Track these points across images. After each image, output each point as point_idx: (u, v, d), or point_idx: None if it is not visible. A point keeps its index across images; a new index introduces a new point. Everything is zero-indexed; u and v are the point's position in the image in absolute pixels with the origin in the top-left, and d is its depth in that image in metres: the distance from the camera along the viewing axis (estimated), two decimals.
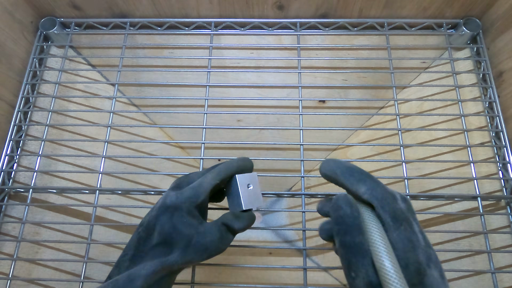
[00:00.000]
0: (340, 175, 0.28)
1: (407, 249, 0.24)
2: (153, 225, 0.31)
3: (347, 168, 0.28)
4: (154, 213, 0.32)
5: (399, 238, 0.24)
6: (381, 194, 0.26)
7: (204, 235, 0.31)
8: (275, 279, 0.48)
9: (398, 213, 0.25)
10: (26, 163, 0.51)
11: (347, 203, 0.26)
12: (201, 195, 0.31)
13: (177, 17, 0.55)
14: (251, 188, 0.34)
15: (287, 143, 0.51)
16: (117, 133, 0.52)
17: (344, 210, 0.26)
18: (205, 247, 0.30)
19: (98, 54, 0.57)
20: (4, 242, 0.47)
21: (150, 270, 0.29)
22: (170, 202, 0.31)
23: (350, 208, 0.26)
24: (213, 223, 0.32)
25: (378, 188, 0.26)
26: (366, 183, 0.26)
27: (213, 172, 0.33)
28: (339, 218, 0.26)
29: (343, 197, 0.26)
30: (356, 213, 0.25)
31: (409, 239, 0.24)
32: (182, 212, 0.31)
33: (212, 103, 0.53)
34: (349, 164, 0.28)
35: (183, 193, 0.31)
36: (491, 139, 0.50)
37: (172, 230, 0.30)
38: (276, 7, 0.53)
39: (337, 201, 0.26)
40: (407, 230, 0.25)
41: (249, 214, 0.34)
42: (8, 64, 0.51)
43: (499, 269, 0.45)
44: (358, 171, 0.27)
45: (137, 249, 0.31)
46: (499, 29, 0.50)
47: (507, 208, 0.47)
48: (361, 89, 0.55)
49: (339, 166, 0.28)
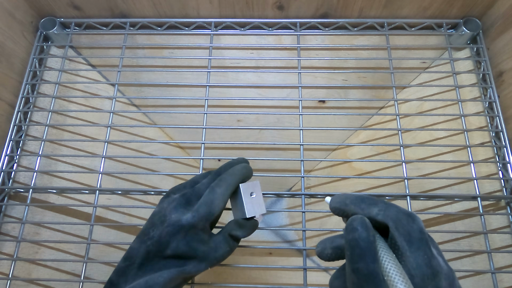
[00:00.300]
0: (350, 203, 0.26)
1: (427, 276, 0.21)
2: (166, 242, 0.31)
3: (357, 196, 0.27)
4: (167, 230, 0.31)
5: (417, 263, 0.22)
6: (395, 214, 0.24)
7: (216, 249, 0.33)
8: (275, 279, 0.48)
9: (414, 234, 0.23)
10: (26, 163, 0.51)
11: (363, 225, 0.23)
12: (216, 213, 0.33)
13: (177, 17, 0.55)
14: (254, 196, 0.36)
15: (287, 143, 0.51)
16: (117, 133, 0.52)
17: (360, 232, 0.23)
18: (218, 259, 0.33)
19: (98, 54, 0.57)
20: (4, 242, 0.47)
21: (167, 278, 0.30)
22: (186, 222, 0.32)
23: (366, 231, 0.23)
24: (221, 236, 0.34)
25: (391, 208, 0.24)
26: (378, 205, 0.25)
27: (222, 186, 0.34)
28: (353, 241, 0.23)
29: (359, 218, 0.24)
30: (372, 237, 0.23)
31: (429, 265, 0.22)
32: (197, 230, 0.32)
33: (212, 103, 0.53)
34: (358, 194, 0.28)
35: (199, 212, 0.32)
36: (491, 139, 0.50)
37: (188, 249, 0.31)
38: (276, 7, 0.53)
39: (352, 222, 0.24)
40: (427, 253, 0.22)
41: (252, 222, 0.36)
42: (8, 64, 0.51)
43: (499, 269, 0.45)
44: (369, 197, 0.26)
45: (146, 259, 0.31)
46: (499, 29, 0.50)
47: (507, 208, 0.47)
48: (361, 89, 0.55)
49: (348, 197, 0.27)
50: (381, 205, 0.25)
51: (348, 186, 0.51)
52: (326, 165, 0.53)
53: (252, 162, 0.51)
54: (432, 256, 0.22)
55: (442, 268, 0.22)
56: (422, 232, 0.23)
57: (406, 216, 0.24)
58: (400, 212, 0.24)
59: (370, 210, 0.25)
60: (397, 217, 0.24)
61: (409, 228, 0.23)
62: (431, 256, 0.22)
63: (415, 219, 0.24)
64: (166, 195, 0.35)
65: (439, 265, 0.22)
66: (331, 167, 0.53)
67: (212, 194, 0.33)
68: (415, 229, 0.23)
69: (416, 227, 0.23)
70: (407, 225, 0.23)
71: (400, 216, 0.24)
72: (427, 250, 0.22)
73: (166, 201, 0.34)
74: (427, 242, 0.23)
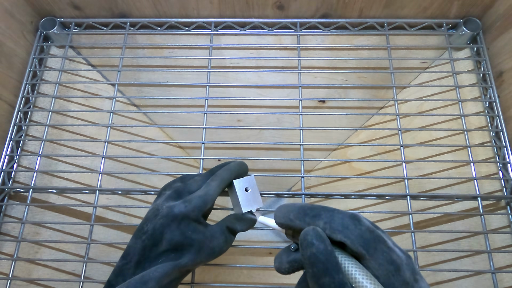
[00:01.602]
0: (295, 219, 0.25)
1: (391, 273, 0.21)
2: (160, 234, 0.31)
3: (299, 209, 0.26)
4: (161, 222, 0.32)
5: (378, 263, 0.22)
6: (340, 222, 0.23)
7: (211, 239, 0.33)
8: (275, 279, 0.48)
9: (366, 235, 0.22)
10: (26, 163, 0.51)
11: (318, 238, 0.22)
12: (208, 204, 0.33)
13: (177, 17, 0.55)
14: (249, 191, 0.36)
15: (287, 143, 0.51)
16: (117, 133, 0.52)
17: (317, 246, 0.22)
18: (213, 251, 0.33)
19: (98, 54, 0.57)
20: (4, 242, 0.47)
21: (162, 272, 0.29)
22: (178, 211, 0.32)
23: (323, 243, 0.22)
24: (217, 227, 0.34)
25: (335, 216, 0.24)
26: (322, 217, 0.24)
27: (217, 180, 0.35)
28: (312, 256, 0.22)
29: (312, 231, 0.23)
30: (330, 247, 0.22)
31: (390, 261, 0.22)
32: (190, 220, 0.32)
33: (212, 103, 0.53)
34: (300, 204, 0.26)
35: (192, 203, 0.32)
36: (491, 139, 0.50)
37: (183, 238, 0.31)
38: (276, 7, 0.53)
39: (306, 236, 0.23)
40: (384, 251, 0.22)
41: (250, 216, 0.36)
42: (8, 64, 0.51)
43: (499, 269, 0.45)
44: (309, 207, 0.25)
45: (143, 256, 0.31)
46: (499, 29, 0.50)
47: (507, 208, 0.47)
48: (361, 89, 0.55)
49: (291, 210, 0.26)
50: (325, 216, 0.24)
51: (348, 186, 0.51)
52: (326, 165, 0.53)
53: (252, 162, 0.51)
54: (390, 251, 0.22)
55: (402, 259, 0.22)
56: (371, 231, 0.23)
57: (352, 220, 0.23)
58: (346, 218, 0.23)
59: (316, 224, 0.24)
60: (344, 225, 0.23)
61: (359, 232, 0.23)
62: (389, 250, 0.22)
63: (361, 220, 0.23)
64: (158, 194, 0.36)
65: (398, 256, 0.22)
66: (331, 167, 0.53)
67: (206, 187, 0.34)
68: (364, 230, 0.23)
69: (364, 229, 0.23)
70: (356, 229, 0.23)
71: (346, 222, 0.23)
72: (383, 247, 0.22)
73: (159, 199, 0.35)
74: (380, 238, 0.22)
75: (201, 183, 0.36)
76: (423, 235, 0.47)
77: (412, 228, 0.43)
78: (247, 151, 0.53)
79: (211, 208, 0.35)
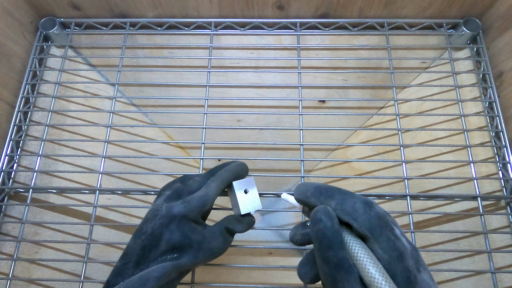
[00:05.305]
0: (311, 196, 0.27)
1: (394, 258, 0.22)
2: (159, 234, 0.31)
3: (316, 188, 0.27)
4: (160, 222, 0.32)
5: (382, 248, 0.23)
6: (351, 206, 0.24)
7: (210, 240, 0.33)
8: (275, 279, 0.48)
9: (374, 221, 0.24)
10: (26, 163, 0.51)
11: (327, 215, 0.24)
12: (207, 205, 0.33)
13: (177, 17, 0.55)
14: (248, 192, 0.36)
15: (287, 143, 0.51)
16: (117, 133, 0.52)
17: (325, 223, 0.24)
18: (212, 251, 0.33)
19: (98, 54, 0.57)
20: (4, 242, 0.47)
21: (162, 272, 0.29)
22: (177, 212, 0.32)
23: (330, 221, 0.24)
24: (216, 228, 0.34)
25: (348, 200, 0.25)
26: (335, 198, 0.25)
27: (216, 180, 0.35)
28: (319, 231, 0.24)
29: (323, 209, 0.25)
30: (337, 225, 0.24)
31: (394, 248, 0.23)
32: (189, 221, 0.32)
33: (212, 103, 0.53)
34: (317, 184, 0.28)
35: (191, 203, 0.32)
36: (491, 139, 0.50)
37: (182, 238, 0.31)
38: (276, 7, 0.53)
39: (316, 213, 0.25)
40: (390, 237, 0.23)
41: (249, 218, 0.36)
42: (8, 64, 0.51)
43: (499, 269, 0.45)
44: (325, 187, 0.27)
45: (142, 256, 0.31)
46: (499, 29, 0.50)
47: (507, 208, 0.47)
48: (361, 89, 0.55)
49: (309, 189, 0.28)
50: (338, 198, 0.25)
51: (348, 186, 0.51)
52: (326, 165, 0.53)
53: (252, 162, 0.51)
54: (396, 238, 0.23)
55: (407, 248, 0.23)
56: (381, 218, 0.24)
57: (363, 205, 0.25)
58: (358, 202, 0.25)
59: (329, 203, 0.26)
60: (354, 208, 0.24)
61: (367, 216, 0.24)
62: (395, 238, 0.23)
63: (372, 206, 0.25)
64: (158, 194, 0.36)
65: (404, 245, 0.23)
66: (331, 167, 0.53)
67: (206, 188, 0.34)
68: (373, 215, 0.24)
69: (373, 214, 0.24)
70: (364, 213, 0.24)
71: (357, 206, 0.24)
72: (389, 234, 0.23)
73: (159, 199, 0.35)
74: (388, 225, 0.24)
75: (201, 183, 0.36)
76: (423, 235, 0.47)
77: (412, 228, 0.43)
78: (247, 151, 0.53)
79: (210, 208, 0.35)
